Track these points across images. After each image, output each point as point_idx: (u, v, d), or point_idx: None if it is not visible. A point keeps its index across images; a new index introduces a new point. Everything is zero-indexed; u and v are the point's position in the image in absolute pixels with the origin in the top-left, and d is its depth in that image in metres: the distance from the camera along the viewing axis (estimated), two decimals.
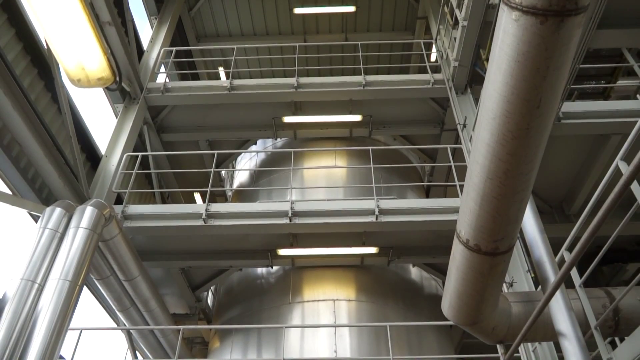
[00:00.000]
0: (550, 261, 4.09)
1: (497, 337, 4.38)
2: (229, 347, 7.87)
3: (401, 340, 7.35)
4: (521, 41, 2.49)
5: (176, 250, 7.99)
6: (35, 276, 5.28)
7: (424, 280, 8.80)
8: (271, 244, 7.83)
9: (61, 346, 5.13)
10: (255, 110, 9.64)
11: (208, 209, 6.97)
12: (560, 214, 8.20)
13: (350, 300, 7.69)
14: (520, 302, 4.43)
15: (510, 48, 2.56)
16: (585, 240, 2.80)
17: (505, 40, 2.58)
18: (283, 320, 7.58)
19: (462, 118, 8.08)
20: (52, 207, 5.92)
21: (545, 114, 2.74)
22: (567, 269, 3.12)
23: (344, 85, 9.07)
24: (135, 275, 6.99)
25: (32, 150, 6.21)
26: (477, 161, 3.10)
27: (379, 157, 9.95)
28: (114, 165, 7.87)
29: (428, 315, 8.05)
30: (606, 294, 4.47)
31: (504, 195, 3.11)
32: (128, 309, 7.58)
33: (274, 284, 8.26)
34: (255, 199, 9.40)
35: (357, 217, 6.96)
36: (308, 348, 7.09)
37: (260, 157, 10.65)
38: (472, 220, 3.42)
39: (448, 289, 4.19)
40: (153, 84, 9.22)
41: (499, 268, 3.72)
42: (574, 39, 2.46)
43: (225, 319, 8.53)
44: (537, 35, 2.42)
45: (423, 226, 7.01)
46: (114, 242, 6.44)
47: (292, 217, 6.94)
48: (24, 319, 4.97)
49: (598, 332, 3.95)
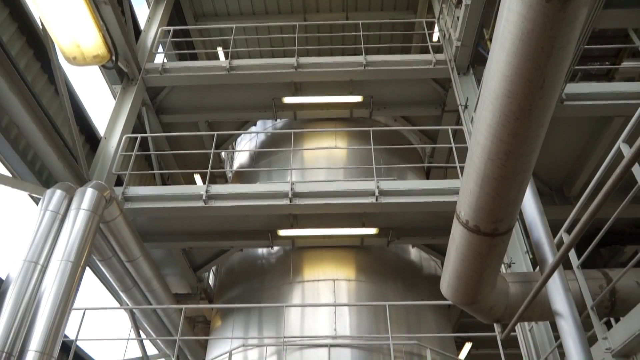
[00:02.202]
0: (549, 242, 4.11)
1: (494, 317, 4.44)
2: (230, 325, 7.97)
3: (400, 319, 7.44)
4: (526, 19, 2.45)
5: (177, 231, 8.03)
6: (37, 257, 5.32)
7: (423, 260, 8.86)
8: (271, 225, 7.87)
9: (65, 326, 5.19)
10: (254, 91, 9.57)
11: (208, 190, 6.98)
12: (560, 196, 8.21)
13: (350, 280, 7.76)
14: (518, 283, 4.47)
15: (514, 26, 2.52)
16: (584, 221, 2.82)
17: (509, 19, 2.54)
18: (284, 300, 7.67)
19: (464, 99, 8.03)
20: (52, 190, 5.93)
21: (548, 94, 2.72)
22: (566, 250, 3.14)
23: (344, 66, 8.99)
24: (137, 256, 7.04)
25: (30, 132, 6.18)
26: (478, 142, 3.09)
27: (379, 138, 9.92)
28: (113, 147, 7.85)
29: (427, 295, 8.13)
30: (603, 275, 4.51)
31: (504, 176, 3.11)
32: (130, 289, 7.66)
33: (275, 264, 8.32)
34: (256, 180, 9.41)
35: (357, 198, 6.98)
36: (308, 327, 7.18)
37: (260, 138, 10.62)
38: (472, 201, 3.43)
39: (447, 269, 4.23)
40: (151, 65, 9.14)
41: (497, 249, 3.74)
42: (580, 18, 2.43)
43: (226, 299, 8.62)
44: (542, 14, 2.39)
45: (423, 207, 7.03)
46: (114, 223, 6.47)
47: (293, 198, 6.95)
48: (27, 299, 5.02)
49: (594, 313, 4.00)
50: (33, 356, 4.65)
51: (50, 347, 4.82)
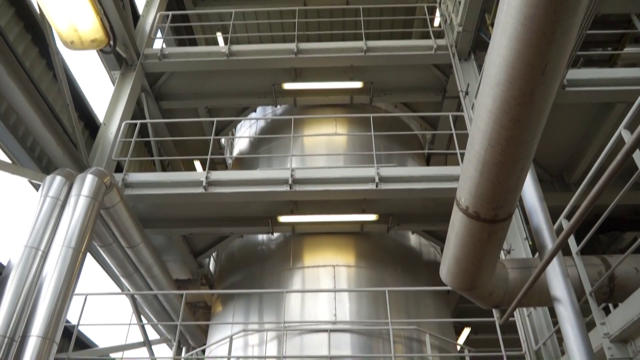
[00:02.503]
0: (549, 229, 4.12)
1: (493, 302, 4.47)
2: (231, 311, 8.03)
3: (399, 305, 7.50)
4: (528, 3, 2.42)
5: (177, 218, 8.04)
6: (38, 243, 5.34)
7: (423, 247, 8.90)
8: (272, 211, 7.88)
9: (67, 311, 5.23)
10: (254, 77, 9.51)
11: (208, 177, 6.98)
12: (561, 183, 8.21)
13: (349, 266, 7.79)
14: (517, 269, 4.49)
15: (516, 10, 2.49)
16: (584, 208, 2.82)
17: (511, 3, 2.51)
18: (284, 286, 7.71)
19: (465, 85, 7.98)
20: (52, 176, 5.92)
21: (549, 80, 2.70)
22: (565, 236, 3.15)
23: (344, 51, 8.92)
24: (138, 242, 7.07)
25: (29, 118, 6.16)
26: (479, 128, 3.08)
27: (379, 124, 9.89)
28: (112, 133, 7.82)
29: (426, 281, 8.18)
30: (602, 261, 4.53)
31: (505, 162, 3.10)
32: (132, 275, 7.70)
33: (275, 250, 8.36)
34: (256, 166, 9.40)
35: (357, 185, 6.98)
36: (308, 312, 7.24)
37: (260, 124, 10.59)
38: (472, 188, 3.43)
39: (446, 255, 4.24)
40: (150, 50, 9.07)
41: (497, 235, 3.75)
42: (582, 2, 2.40)
43: (227, 284, 8.67)
44: None
45: (423, 194, 7.03)
46: (115, 209, 6.48)
47: (293, 184, 6.95)
48: (29, 285, 5.05)
49: (593, 298, 4.03)
50: (35, 341, 4.69)
51: (52, 332, 4.86)
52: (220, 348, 7.76)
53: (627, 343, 3.84)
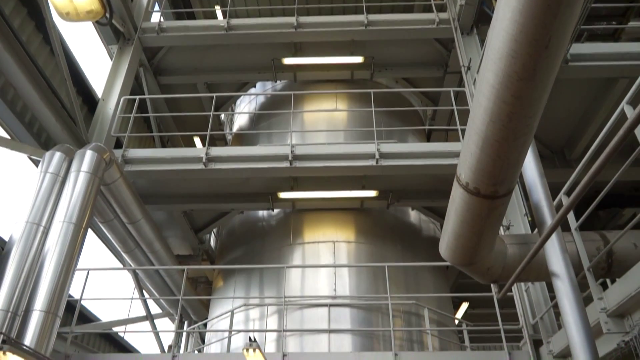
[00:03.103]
0: (548, 205, 4.12)
1: (491, 277, 4.50)
2: (232, 286, 8.13)
3: (399, 280, 7.58)
4: None
5: (178, 194, 8.06)
6: (39, 219, 5.36)
7: (422, 223, 8.94)
8: (272, 187, 7.89)
9: (70, 285, 5.28)
10: (253, 52, 9.39)
11: (208, 153, 6.96)
12: (561, 159, 8.18)
13: (349, 242, 7.85)
14: (516, 244, 4.51)
15: None
16: (584, 184, 2.81)
17: None
18: (284, 261, 7.78)
19: (467, 60, 7.89)
20: (51, 152, 5.91)
21: (553, 54, 2.66)
22: (565, 212, 3.15)
23: (345, 25, 8.78)
24: (138, 218, 7.10)
25: (27, 93, 6.11)
26: (481, 104, 3.05)
27: (380, 100, 9.81)
28: (111, 108, 7.77)
29: (425, 257, 8.25)
30: (601, 237, 4.55)
31: (506, 138, 3.08)
32: (133, 250, 7.76)
33: (275, 226, 8.40)
34: (256, 142, 9.37)
35: (357, 161, 6.97)
36: (308, 287, 7.32)
37: (260, 100, 10.50)
38: (472, 164, 3.41)
39: (446, 231, 4.26)
40: (147, 24, 8.93)
41: (497, 211, 3.76)
42: None
43: (228, 260, 8.75)
44: None
45: (423, 170, 7.03)
46: (115, 185, 6.48)
47: (293, 160, 6.94)
48: (31, 260, 5.09)
49: (590, 274, 4.06)
50: (38, 315, 4.75)
51: (55, 306, 4.93)
52: (221, 322, 7.88)
53: (623, 318, 3.89)
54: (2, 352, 3.60)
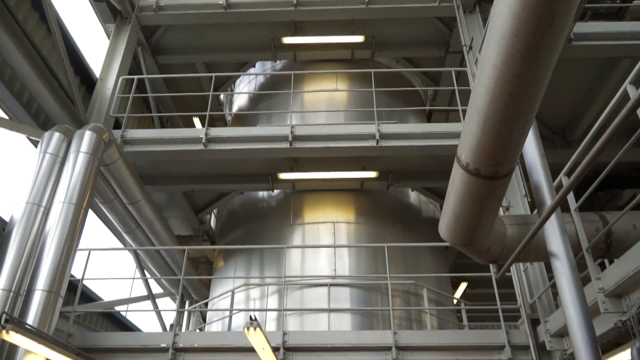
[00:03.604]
0: (548, 185, 4.12)
1: (490, 257, 4.53)
2: (232, 266, 8.18)
3: (398, 261, 7.63)
4: None
5: (178, 175, 8.05)
6: (40, 200, 5.36)
7: (422, 204, 8.96)
8: (272, 168, 7.88)
9: (71, 265, 5.32)
10: (253, 31, 9.28)
11: (208, 133, 6.94)
12: (562, 140, 8.15)
13: (349, 222, 7.87)
14: (515, 225, 4.52)
15: None
16: (585, 164, 2.80)
17: None
18: (284, 242, 7.82)
19: (469, 39, 7.79)
20: (50, 132, 5.88)
21: (556, 33, 2.62)
22: (565, 193, 3.15)
23: (346, 3, 8.65)
24: (139, 199, 7.11)
25: (24, 72, 6.05)
26: (482, 83, 3.02)
27: (381, 80, 9.73)
28: (109, 89, 7.71)
29: (425, 237, 8.28)
30: (600, 218, 4.56)
31: (507, 118, 3.06)
32: (134, 231, 7.79)
33: (275, 207, 8.42)
34: (255, 123, 9.32)
35: (357, 142, 6.94)
36: (308, 267, 7.37)
37: (260, 80, 10.42)
38: (473, 144, 3.40)
39: (446, 212, 4.27)
40: (145, 2, 8.79)
41: (497, 192, 3.76)
42: None
43: (228, 240, 8.79)
44: None
45: (424, 151, 7.01)
46: (115, 166, 6.47)
47: (293, 141, 6.92)
48: (32, 240, 5.12)
49: (589, 254, 4.08)
50: (40, 295, 4.80)
51: (57, 286, 4.97)
52: (222, 301, 7.96)
53: (621, 298, 3.93)
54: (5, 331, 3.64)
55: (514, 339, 5.65)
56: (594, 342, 3.43)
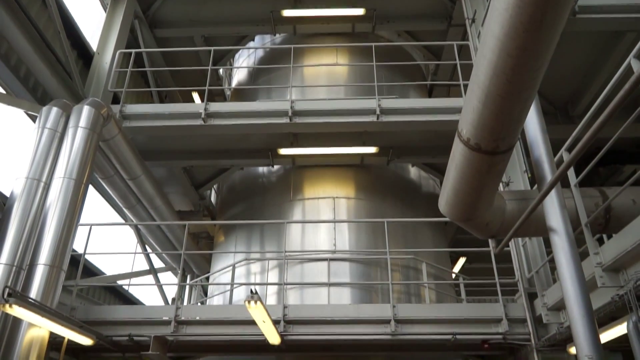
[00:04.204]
0: (549, 161, 4.11)
1: (489, 232, 4.55)
2: (233, 241, 8.24)
3: (397, 236, 7.67)
4: None
5: (177, 150, 8.03)
6: (40, 175, 5.36)
7: (422, 179, 8.96)
8: (272, 143, 7.85)
9: (73, 240, 5.35)
10: (252, 3, 9.11)
11: (207, 108, 6.89)
12: (564, 115, 8.09)
13: (349, 198, 7.89)
14: (515, 200, 4.53)
15: None
16: (586, 139, 2.78)
17: None
18: (284, 217, 7.85)
19: (472, 12, 7.65)
20: (48, 107, 5.84)
21: (561, 5, 2.56)
22: (565, 168, 3.14)
23: None
24: (138, 174, 7.10)
25: (20, 46, 5.97)
26: (485, 56, 2.97)
27: (381, 54, 9.60)
28: (107, 63, 7.61)
29: (424, 213, 8.31)
30: (600, 193, 4.56)
31: (509, 93, 3.02)
32: (134, 206, 7.82)
33: (275, 183, 8.42)
34: (255, 98, 9.24)
35: (358, 117, 6.90)
36: (308, 242, 7.42)
37: (259, 54, 10.28)
38: (474, 119, 3.37)
39: (446, 187, 4.27)
40: None
41: (497, 167, 3.74)
42: None
43: (228, 216, 8.83)
44: None
45: (424, 126, 6.97)
46: (114, 141, 6.45)
47: (292, 116, 6.87)
48: (33, 215, 5.13)
49: (588, 229, 4.09)
50: (43, 269, 4.84)
51: (59, 260, 5.01)
52: (223, 275, 8.04)
53: (618, 272, 3.96)
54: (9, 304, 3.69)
55: (511, 312, 5.73)
56: (590, 315, 3.47)
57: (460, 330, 5.68)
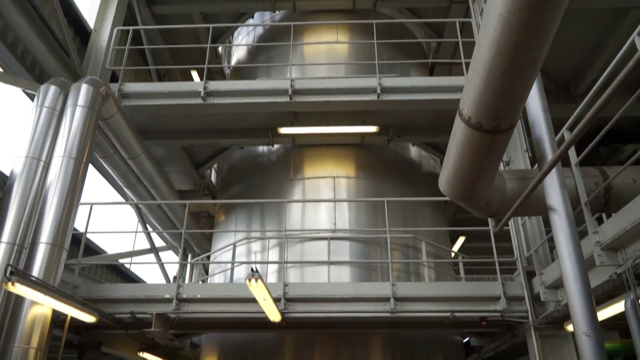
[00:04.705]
0: (550, 140, 4.09)
1: (489, 212, 4.56)
2: (233, 220, 8.27)
3: (397, 215, 7.70)
4: None
5: (177, 129, 8.00)
6: (39, 154, 5.35)
7: (423, 159, 8.94)
8: (272, 123, 7.81)
9: (74, 219, 5.37)
10: None
11: (206, 87, 6.83)
12: (566, 94, 8.03)
13: (349, 177, 7.89)
14: (515, 179, 4.53)
15: None
16: (588, 118, 2.76)
17: None
18: (285, 196, 7.86)
19: None
20: (46, 85, 5.79)
21: None
22: (566, 147, 3.13)
23: None
24: (138, 154, 7.09)
25: (17, 24, 5.89)
26: (487, 34, 2.93)
27: (383, 32, 9.47)
28: (104, 40, 7.52)
29: (424, 192, 8.32)
30: (601, 172, 4.55)
31: (511, 71, 2.99)
32: (134, 185, 7.82)
33: (275, 162, 8.41)
34: (255, 76, 9.16)
35: (358, 96, 6.85)
36: (309, 221, 7.45)
37: (258, 31, 10.15)
38: (476, 98, 3.34)
39: (446, 167, 4.26)
40: None
41: (498, 146, 3.73)
42: None
43: (228, 195, 8.85)
44: None
45: (425, 105, 6.92)
46: (113, 120, 6.41)
47: (292, 95, 6.82)
48: (34, 194, 5.14)
49: (587, 208, 4.10)
50: (44, 248, 4.87)
51: (61, 239, 5.03)
52: (224, 254, 8.10)
53: (617, 251, 3.98)
54: (11, 282, 3.72)
55: (509, 290, 5.79)
56: (588, 293, 3.51)
57: (458, 307, 5.75)
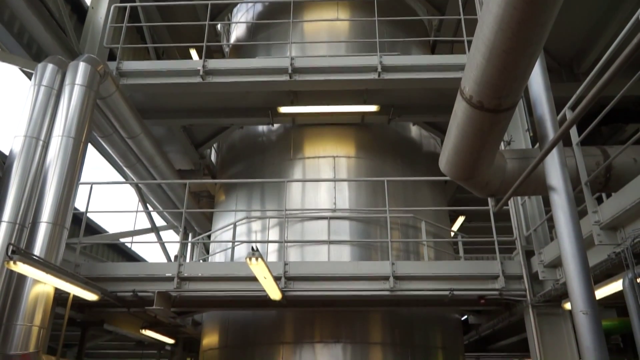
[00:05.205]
0: (552, 119, 4.06)
1: (489, 191, 4.56)
2: (233, 200, 8.29)
3: (397, 195, 7.71)
4: None
5: (176, 108, 7.94)
6: (38, 133, 5.33)
7: (423, 138, 8.91)
8: (271, 102, 7.76)
9: (75, 198, 5.38)
10: None
11: (205, 65, 6.76)
12: (569, 73, 7.94)
13: (349, 157, 7.87)
14: (515, 159, 4.52)
15: None
16: (591, 97, 2.73)
17: None
18: (285, 176, 7.86)
19: None
20: (44, 63, 5.73)
21: None
22: (568, 126, 3.11)
23: None
24: (138, 133, 7.06)
25: (13, 1, 5.80)
26: (490, 10, 2.88)
27: (384, 9, 9.33)
28: (101, 18, 7.41)
29: (425, 172, 8.32)
30: (602, 152, 4.54)
31: (514, 48, 2.95)
32: (134, 165, 7.81)
33: (275, 141, 8.38)
34: (254, 54, 9.06)
35: (359, 74, 6.78)
36: (309, 201, 7.47)
37: (258, 8, 9.99)
38: (477, 76, 3.31)
39: (447, 146, 4.24)
40: None
41: (499, 126, 3.71)
42: None
43: (229, 174, 8.84)
44: None
45: (426, 84, 6.86)
46: (112, 99, 6.37)
47: (292, 73, 6.76)
48: (34, 173, 5.14)
49: (587, 188, 4.10)
50: (45, 227, 4.89)
51: (62, 218, 5.05)
52: (224, 233, 8.14)
53: (616, 230, 3.99)
54: (13, 261, 3.74)
55: (508, 269, 5.83)
56: (586, 272, 3.53)
57: (457, 286, 5.80)
